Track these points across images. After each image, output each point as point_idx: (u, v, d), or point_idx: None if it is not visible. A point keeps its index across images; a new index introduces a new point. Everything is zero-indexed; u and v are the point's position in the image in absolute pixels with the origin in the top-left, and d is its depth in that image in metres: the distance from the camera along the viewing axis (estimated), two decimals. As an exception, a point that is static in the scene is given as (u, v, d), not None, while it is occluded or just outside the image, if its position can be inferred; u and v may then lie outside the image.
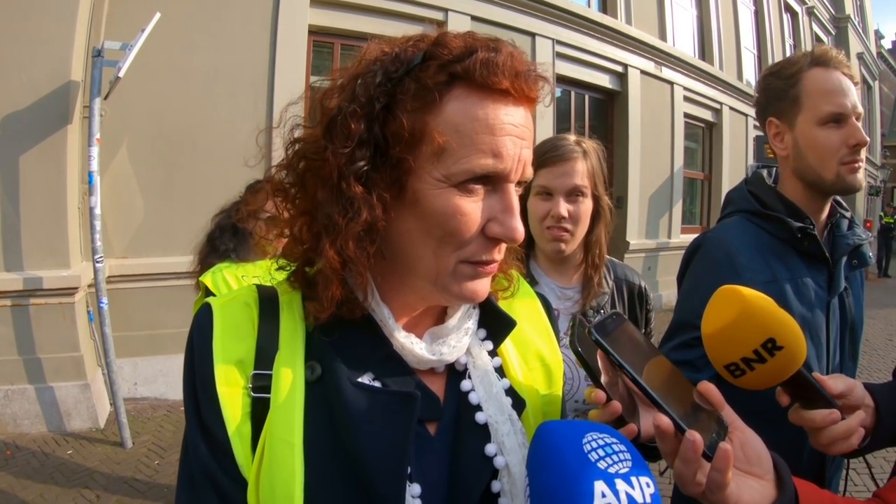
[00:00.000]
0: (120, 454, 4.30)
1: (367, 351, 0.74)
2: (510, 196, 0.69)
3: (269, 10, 5.75)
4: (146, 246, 5.25)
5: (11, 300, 4.53)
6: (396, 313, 0.75)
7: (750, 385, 0.91)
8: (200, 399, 0.70)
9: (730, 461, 0.67)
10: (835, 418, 0.95)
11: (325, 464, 0.67)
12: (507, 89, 0.66)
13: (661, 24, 10.63)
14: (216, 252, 2.46)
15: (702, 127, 12.24)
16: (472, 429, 0.75)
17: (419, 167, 0.67)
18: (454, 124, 0.66)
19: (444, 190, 0.67)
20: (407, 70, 0.67)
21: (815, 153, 1.42)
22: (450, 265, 0.70)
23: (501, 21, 7.62)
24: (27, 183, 4.53)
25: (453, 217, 0.67)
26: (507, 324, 0.82)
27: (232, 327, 0.74)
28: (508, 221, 0.68)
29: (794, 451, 1.02)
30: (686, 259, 1.55)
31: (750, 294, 0.88)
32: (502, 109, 0.67)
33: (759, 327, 0.86)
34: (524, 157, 0.69)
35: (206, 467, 0.69)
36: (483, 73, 0.65)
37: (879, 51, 27.81)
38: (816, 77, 1.41)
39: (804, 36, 16.56)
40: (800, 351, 0.88)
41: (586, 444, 0.62)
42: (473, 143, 0.65)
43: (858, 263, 1.53)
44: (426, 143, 0.66)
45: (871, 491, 0.93)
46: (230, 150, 5.23)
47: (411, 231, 0.70)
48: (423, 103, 0.66)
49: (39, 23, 4.47)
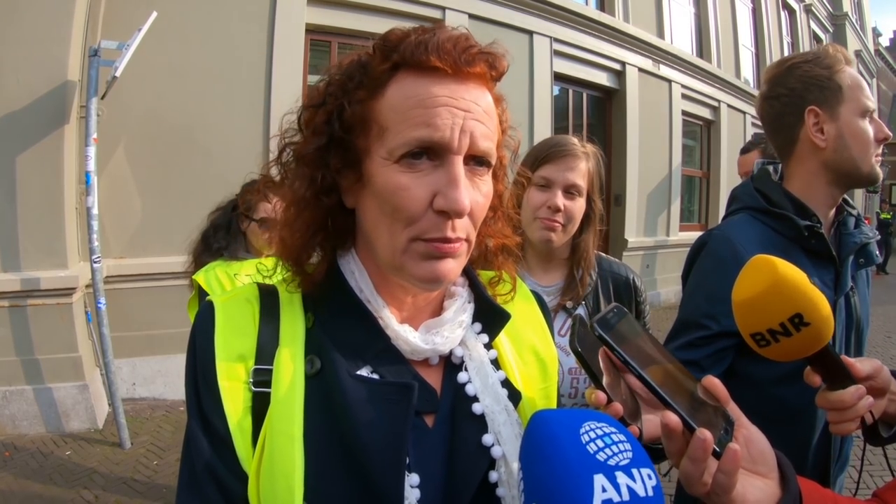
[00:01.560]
0: (118, 455, 4.29)
1: (365, 344, 0.76)
2: (455, 168, 0.69)
3: (266, 8, 5.73)
4: (144, 246, 5.23)
5: (9, 301, 4.52)
6: (391, 305, 0.78)
7: (773, 356, 0.91)
8: (202, 393, 0.72)
9: (738, 463, 0.66)
10: (862, 393, 0.94)
11: (325, 455, 0.68)
12: (439, 66, 0.68)
13: (658, 22, 10.62)
14: (209, 250, 2.47)
15: (700, 125, 12.24)
16: (468, 419, 0.76)
17: (371, 150, 0.72)
18: (392, 105, 0.70)
19: (388, 167, 0.70)
20: (359, 65, 0.74)
21: (859, 144, 1.42)
22: (402, 242, 0.71)
23: (499, 19, 7.61)
24: (24, 183, 4.51)
25: (395, 192, 0.70)
26: (502, 317, 0.84)
27: (233, 323, 0.76)
28: (451, 193, 0.68)
29: (798, 453, 1.01)
30: (691, 257, 1.53)
31: (783, 266, 0.87)
32: (437, 85, 0.69)
33: (788, 301, 0.86)
34: (469, 127, 0.70)
35: (207, 461, 0.71)
36: (415, 54, 0.69)
37: (877, 48, 27.84)
38: (850, 71, 1.43)
39: (802, 34, 16.56)
40: (826, 329, 0.87)
41: (584, 435, 0.59)
42: (406, 118, 0.69)
43: (865, 262, 1.51)
44: (373, 126, 0.71)
45: (870, 487, 0.92)
46: (228, 150, 5.22)
47: (370, 211, 0.74)
48: (370, 91, 0.72)
49: (35, 22, 4.45)
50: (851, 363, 0.97)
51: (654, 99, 10.34)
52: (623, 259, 9.69)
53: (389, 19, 6.50)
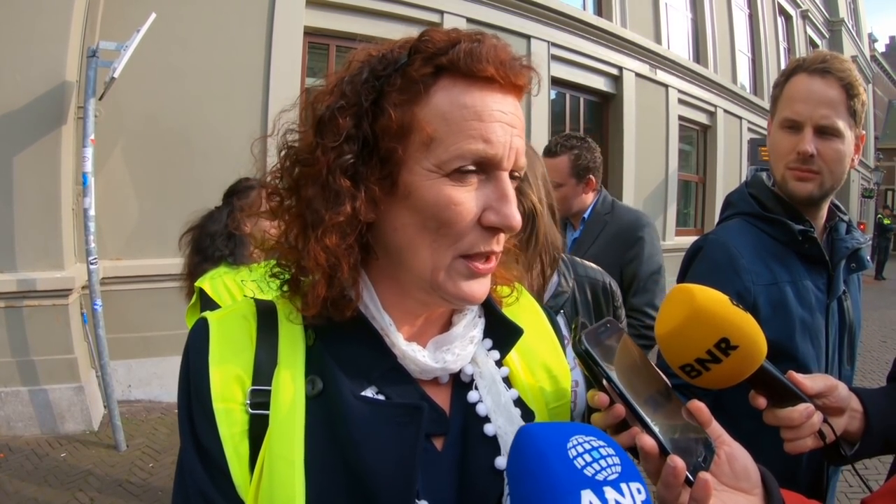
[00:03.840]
0: (114, 457, 4.28)
1: (370, 363, 0.72)
2: (505, 184, 0.68)
3: (265, 11, 5.73)
4: (140, 247, 5.22)
5: (5, 302, 4.51)
6: (398, 322, 0.73)
7: (709, 385, 0.89)
8: (196, 416, 0.69)
9: (709, 492, 0.65)
10: (811, 412, 0.93)
11: (328, 481, 0.65)
12: (492, 76, 0.65)
13: (655, 27, 10.65)
14: (211, 259, 2.44)
15: (696, 129, 12.27)
16: (480, 441, 0.73)
17: (409, 159, 0.67)
18: (442, 113, 0.65)
19: (437, 180, 0.66)
20: (394, 67, 0.67)
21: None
22: (446, 260, 0.68)
23: (497, 23, 7.62)
24: (21, 184, 4.50)
25: (447, 207, 0.66)
26: (514, 332, 0.81)
27: (229, 341, 0.72)
28: (504, 209, 0.67)
29: (794, 455, 1.00)
30: (686, 262, 1.55)
31: (701, 293, 0.86)
32: (489, 96, 0.66)
33: (710, 327, 0.85)
34: (515, 144, 0.68)
35: (201, 488, 0.67)
36: (467, 62, 0.65)
37: (873, 54, 27.98)
38: (794, 82, 1.41)
39: (798, 39, 16.63)
40: (756, 349, 0.86)
41: (571, 449, 0.58)
42: (462, 130, 0.65)
43: (856, 267, 1.53)
44: (415, 134, 0.66)
45: (865, 492, 0.92)
46: (225, 152, 5.20)
47: (406, 227, 0.69)
48: (410, 95, 0.66)
49: (34, 22, 4.44)
50: (799, 381, 0.96)
51: (650, 104, 10.36)
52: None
53: (387, 23, 6.51)
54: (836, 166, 1.39)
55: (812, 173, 1.38)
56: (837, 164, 1.38)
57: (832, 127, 1.35)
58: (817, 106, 1.35)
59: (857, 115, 1.38)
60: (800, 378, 0.96)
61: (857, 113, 1.38)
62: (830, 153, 1.37)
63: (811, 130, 1.36)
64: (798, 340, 1.39)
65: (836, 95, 1.35)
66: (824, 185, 1.40)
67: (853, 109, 1.37)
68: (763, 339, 0.87)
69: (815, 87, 1.36)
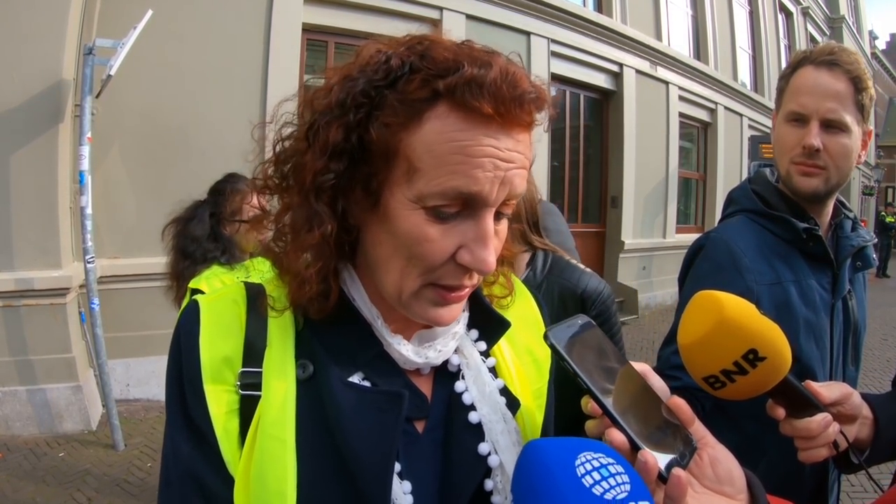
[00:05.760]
0: (112, 456, 4.27)
1: (358, 350, 0.73)
2: (485, 224, 0.65)
3: (263, 7, 5.71)
4: (138, 246, 5.19)
5: (2, 301, 4.49)
6: (385, 315, 0.75)
7: (730, 396, 0.86)
8: (187, 395, 0.69)
9: (683, 489, 0.62)
10: (829, 421, 0.91)
11: (318, 461, 0.67)
12: (490, 115, 0.61)
13: (656, 24, 10.65)
14: (201, 261, 2.41)
15: (697, 127, 12.27)
16: (465, 428, 0.74)
17: (393, 184, 0.65)
18: (428, 144, 0.62)
19: (414, 212, 0.64)
20: (389, 82, 0.63)
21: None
22: (414, 286, 0.68)
23: (497, 20, 7.61)
24: (18, 182, 4.48)
25: (419, 242, 0.64)
26: (501, 325, 0.81)
27: (219, 324, 0.73)
28: (479, 252, 0.64)
29: (797, 457, 0.98)
30: (688, 260, 1.51)
31: (729, 301, 0.82)
32: (483, 132, 0.62)
33: (740, 338, 0.81)
34: (508, 179, 0.64)
35: (188, 467, 0.68)
36: (465, 94, 0.60)
37: (874, 51, 27.95)
38: (801, 74, 1.37)
39: (799, 36, 16.61)
40: (783, 361, 0.83)
41: (580, 467, 0.57)
42: (444, 164, 0.62)
43: (862, 265, 1.49)
44: (400, 160, 0.63)
45: (867, 490, 0.90)
46: (223, 149, 5.16)
47: (383, 243, 0.68)
48: (402, 119, 0.62)
49: (30, 20, 4.42)
50: (817, 390, 0.94)
51: (651, 101, 10.36)
52: (620, 261, 9.78)
53: (386, 19, 6.49)
54: (843, 162, 1.35)
55: (818, 168, 1.35)
56: (844, 159, 1.34)
57: (839, 121, 1.31)
58: (824, 99, 1.31)
59: (865, 110, 1.34)
60: (816, 387, 0.94)
61: (865, 107, 1.34)
62: (837, 148, 1.33)
63: (817, 124, 1.32)
64: (802, 341, 1.36)
65: (844, 89, 1.31)
66: (830, 180, 1.36)
67: (861, 104, 1.33)
68: (789, 350, 0.84)
69: (822, 80, 1.32)
